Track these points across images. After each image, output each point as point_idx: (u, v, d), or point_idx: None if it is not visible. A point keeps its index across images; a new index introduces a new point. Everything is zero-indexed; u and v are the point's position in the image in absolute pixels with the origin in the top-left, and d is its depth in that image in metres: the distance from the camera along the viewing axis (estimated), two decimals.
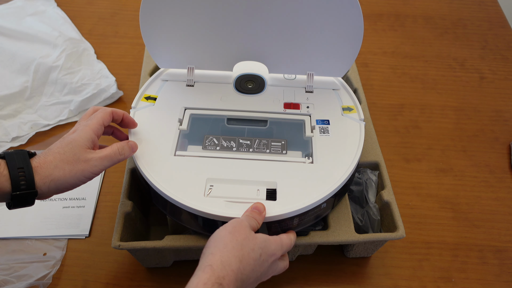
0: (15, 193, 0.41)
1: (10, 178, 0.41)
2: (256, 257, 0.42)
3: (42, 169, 0.43)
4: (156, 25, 0.58)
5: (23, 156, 0.42)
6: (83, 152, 0.45)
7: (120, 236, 0.52)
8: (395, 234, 0.54)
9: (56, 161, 0.43)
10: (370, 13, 1.01)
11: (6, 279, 0.57)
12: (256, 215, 0.46)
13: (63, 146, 0.45)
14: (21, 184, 0.41)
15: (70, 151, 0.44)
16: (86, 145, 0.46)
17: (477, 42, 0.96)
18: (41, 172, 0.43)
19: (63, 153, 0.44)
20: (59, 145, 0.45)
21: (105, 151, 0.47)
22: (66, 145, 0.45)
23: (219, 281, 0.39)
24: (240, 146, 0.55)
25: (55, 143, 0.46)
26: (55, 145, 0.45)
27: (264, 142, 0.56)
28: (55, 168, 0.43)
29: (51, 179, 0.43)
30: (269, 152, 0.55)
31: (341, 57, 0.61)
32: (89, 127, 0.47)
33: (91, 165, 0.45)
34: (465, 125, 0.80)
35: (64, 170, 0.43)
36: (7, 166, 0.41)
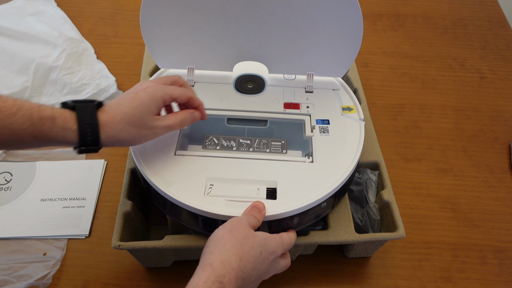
0: (81, 148, 0.44)
1: (78, 134, 0.43)
2: (256, 255, 0.42)
3: (109, 128, 0.44)
4: (156, 25, 0.58)
5: (92, 112, 0.43)
6: (149, 119, 0.47)
7: (120, 236, 0.52)
8: (395, 234, 0.54)
9: (123, 123, 0.45)
10: (370, 13, 1.01)
11: (6, 279, 0.57)
12: (255, 213, 0.46)
13: (132, 106, 0.45)
14: (88, 140, 0.43)
15: (139, 115, 0.46)
16: (154, 111, 0.47)
17: (477, 42, 0.96)
18: (108, 131, 0.44)
19: (132, 116, 0.45)
20: (129, 103, 0.46)
21: (169, 121, 0.48)
22: (136, 107, 0.46)
23: (219, 279, 0.38)
24: (240, 145, 0.55)
25: (124, 96, 0.47)
26: (124, 100, 0.46)
27: (264, 142, 0.56)
28: (121, 130, 0.45)
29: (116, 139, 0.45)
30: (269, 152, 0.55)
31: (341, 57, 0.61)
32: (162, 97, 0.48)
33: (154, 132, 0.48)
34: (465, 125, 0.80)
35: (129, 133, 0.45)
36: (77, 121, 0.43)
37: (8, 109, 0.40)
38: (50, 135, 0.42)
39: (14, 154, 0.72)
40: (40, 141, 0.42)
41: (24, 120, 0.40)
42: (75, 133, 0.43)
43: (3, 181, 0.68)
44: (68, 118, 0.43)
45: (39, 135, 0.41)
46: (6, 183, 0.68)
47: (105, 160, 0.71)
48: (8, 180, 0.68)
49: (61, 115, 0.42)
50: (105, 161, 0.71)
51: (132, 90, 0.48)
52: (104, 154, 0.72)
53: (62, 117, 0.42)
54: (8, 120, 0.40)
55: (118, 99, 0.47)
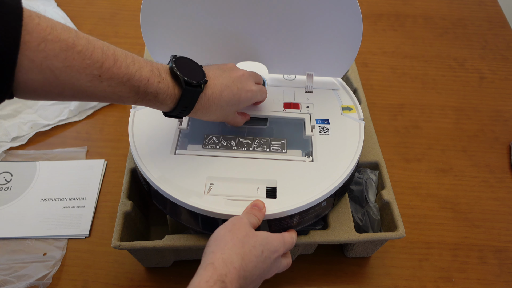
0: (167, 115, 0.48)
1: (172, 109, 0.46)
2: (258, 254, 0.42)
3: (199, 112, 0.48)
4: (156, 25, 0.58)
5: (194, 98, 0.46)
6: (232, 114, 0.53)
7: (120, 236, 0.52)
8: (395, 234, 0.54)
9: (211, 112, 0.49)
10: (370, 13, 1.01)
11: (6, 279, 0.57)
12: (256, 212, 0.46)
13: (230, 103, 0.50)
14: (177, 115, 0.47)
15: (228, 110, 0.51)
16: (239, 108, 0.53)
17: (477, 42, 0.96)
18: (196, 113, 0.48)
19: (221, 110, 0.50)
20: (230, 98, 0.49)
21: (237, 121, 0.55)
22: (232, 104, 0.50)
23: (221, 278, 0.38)
24: (240, 145, 0.55)
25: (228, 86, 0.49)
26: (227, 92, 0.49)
27: (264, 141, 0.56)
28: (206, 116, 0.49)
29: (197, 117, 0.50)
30: (269, 151, 0.55)
31: (340, 58, 0.61)
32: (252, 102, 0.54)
33: (226, 120, 0.53)
34: (465, 125, 0.80)
35: (210, 118, 0.50)
36: (177, 103, 0.45)
37: (120, 78, 0.40)
38: (148, 103, 0.44)
39: (14, 154, 0.72)
40: (137, 104, 0.44)
41: (131, 90, 0.42)
42: (169, 108, 0.46)
43: (3, 181, 0.68)
44: (170, 96, 0.44)
45: (138, 102, 0.44)
46: (6, 183, 0.68)
47: (105, 160, 0.71)
48: (8, 180, 0.68)
49: (165, 91, 0.44)
50: (105, 161, 0.71)
51: (237, 81, 0.50)
52: (104, 154, 0.72)
53: (165, 94, 0.44)
54: (117, 88, 0.41)
55: (222, 87, 0.49)
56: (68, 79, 0.37)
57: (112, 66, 0.40)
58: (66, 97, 0.40)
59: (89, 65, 0.38)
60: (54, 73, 0.37)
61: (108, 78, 0.40)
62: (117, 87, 0.41)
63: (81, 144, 0.74)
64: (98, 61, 0.39)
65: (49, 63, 0.36)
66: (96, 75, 0.39)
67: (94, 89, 0.40)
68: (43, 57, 0.35)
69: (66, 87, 0.38)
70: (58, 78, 0.37)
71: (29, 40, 0.34)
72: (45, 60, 0.36)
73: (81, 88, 0.39)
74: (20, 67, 0.34)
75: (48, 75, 0.36)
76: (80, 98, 0.41)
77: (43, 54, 0.35)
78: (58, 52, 0.36)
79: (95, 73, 0.39)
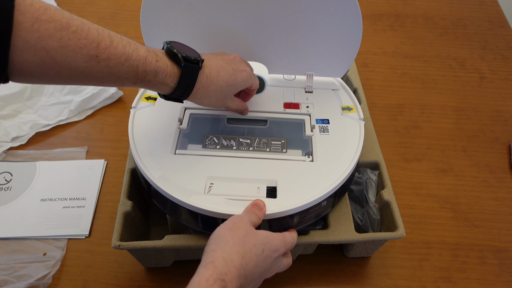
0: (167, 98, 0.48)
1: (173, 90, 0.46)
2: (259, 253, 0.42)
3: (199, 93, 0.48)
4: (156, 25, 0.58)
5: (194, 75, 0.46)
6: (230, 97, 0.53)
7: (120, 236, 0.52)
8: (395, 234, 0.54)
9: (211, 93, 0.49)
10: (370, 13, 1.01)
11: (6, 279, 0.57)
12: (256, 211, 0.46)
13: (228, 83, 0.50)
14: (179, 96, 0.47)
15: (227, 92, 0.51)
16: (236, 92, 0.53)
17: (477, 42, 0.96)
18: (196, 94, 0.48)
19: (220, 91, 0.50)
20: (227, 78, 0.50)
21: (233, 105, 0.55)
22: (230, 85, 0.50)
23: (221, 277, 0.38)
24: (240, 145, 0.55)
25: (224, 67, 0.50)
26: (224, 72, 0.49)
27: (264, 141, 0.56)
28: (206, 98, 0.50)
29: (197, 101, 0.50)
30: (269, 151, 0.55)
31: (340, 58, 0.61)
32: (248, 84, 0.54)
33: (225, 105, 0.54)
34: (465, 125, 0.80)
35: (210, 101, 0.51)
36: (178, 81, 0.45)
37: (117, 58, 0.40)
38: (148, 85, 0.44)
39: (14, 154, 0.72)
40: (136, 86, 0.44)
41: (129, 70, 0.42)
42: (170, 88, 0.46)
43: (3, 181, 0.68)
44: (169, 74, 0.44)
45: (138, 83, 0.44)
46: (6, 183, 0.68)
47: (105, 160, 0.71)
48: (8, 180, 0.68)
49: (164, 70, 0.44)
50: (105, 161, 0.71)
51: (231, 63, 0.51)
52: (104, 154, 0.72)
53: (164, 73, 0.44)
54: (115, 68, 0.41)
55: (218, 68, 0.49)
56: (64, 60, 0.37)
57: (108, 46, 0.39)
58: (63, 78, 0.39)
59: (85, 45, 0.38)
60: (50, 54, 0.36)
61: (105, 58, 0.39)
62: (115, 68, 0.40)
63: (81, 144, 0.74)
64: (94, 41, 0.38)
65: (44, 43, 0.35)
66: (93, 55, 0.38)
67: (92, 70, 0.39)
68: (37, 37, 0.35)
69: (63, 68, 0.38)
70: (53, 58, 0.37)
71: (22, 21, 0.34)
72: (40, 41, 0.35)
73: (78, 69, 0.38)
74: (14, 48, 0.34)
75: (43, 56, 0.36)
76: (77, 80, 0.40)
77: (37, 35, 0.35)
78: (52, 32, 0.35)
79: (92, 53, 0.38)
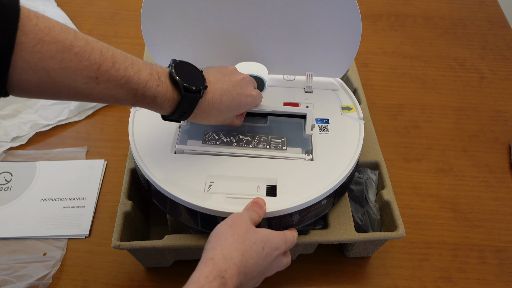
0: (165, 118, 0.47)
1: (170, 114, 0.46)
2: (259, 251, 0.42)
3: (198, 116, 0.48)
4: (156, 25, 0.58)
5: (193, 104, 0.46)
6: (231, 118, 0.52)
7: (120, 236, 0.52)
8: (395, 233, 0.54)
9: (211, 117, 0.49)
10: (370, 13, 1.01)
11: (6, 279, 0.57)
12: (257, 209, 0.46)
13: (230, 108, 0.50)
14: (175, 119, 0.47)
15: (228, 115, 0.51)
16: (239, 113, 0.53)
17: (477, 42, 0.96)
18: (196, 118, 0.48)
19: (221, 115, 0.49)
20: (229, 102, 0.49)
21: (238, 124, 0.54)
22: (232, 109, 0.50)
23: (221, 274, 0.38)
24: (240, 141, 0.55)
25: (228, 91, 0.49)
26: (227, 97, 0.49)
27: (264, 139, 0.56)
28: (206, 120, 0.49)
29: (196, 121, 0.49)
30: (269, 148, 0.55)
31: (340, 58, 0.61)
32: (252, 106, 0.54)
33: (227, 123, 0.53)
34: (465, 125, 0.80)
35: (209, 122, 0.50)
36: (176, 107, 0.45)
37: (118, 81, 0.40)
38: (145, 106, 0.44)
39: (14, 154, 0.72)
40: (134, 106, 0.45)
41: (128, 92, 0.41)
42: (168, 111, 0.45)
43: (3, 181, 0.68)
44: (168, 100, 0.44)
45: (136, 104, 0.43)
46: (6, 183, 0.68)
47: (105, 160, 0.71)
48: (8, 180, 0.68)
49: (164, 95, 0.43)
50: (105, 161, 0.71)
51: (237, 86, 0.50)
52: (104, 154, 0.72)
53: (163, 98, 0.44)
54: (114, 90, 0.40)
55: (222, 92, 0.48)
56: (63, 80, 0.37)
57: (110, 68, 0.39)
58: (62, 97, 0.40)
59: (86, 67, 0.38)
60: (49, 75, 0.36)
61: (105, 81, 0.39)
62: (114, 90, 0.40)
63: (81, 144, 0.74)
64: (96, 63, 0.38)
65: (44, 64, 0.35)
66: (93, 77, 0.38)
67: (91, 91, 0.39)
68: (38, 58, 0.35)
69: (62, 88, 0.38)
70: (53, 79, 0.37)
71: (24, 41, 0.34)
72: (40, 62, 0.35)
73: (77, 90, 0.39)
74: (14, 68, 0.34)
75: (43, 76, 0.36)
76: (76, 99, 0.41)
77: (39, 56, 0.35)
78: (54, 53, 0.36)
79: (92, 75, 0.38)
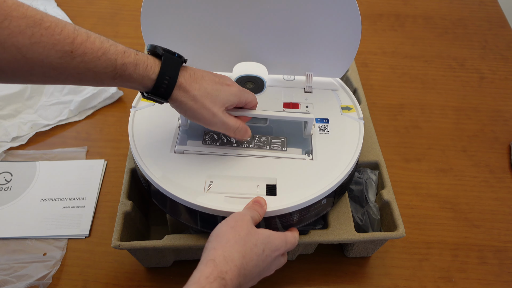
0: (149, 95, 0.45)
1: (155, 83, 0.44)
2: (259, 253, 0.42)
3: (182, 92, 0.45)
4: (156, 25, 0.58)
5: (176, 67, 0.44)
6: (219, 110, 0.48)
7: (120, 236, 0.52)
8: (395, 233, 0.54)
9: (196, 92, 0.46)
10: (370, 13, 1.01)
11: (6, 279, 0.57)
12: (257, 208, 0.46)
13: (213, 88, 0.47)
14: (160, 92, 0.44)
15: (214, 96, 0.47)
16: (226, 105, 0.49)
17: (477, 42, 0.96)
18: (180, 93, 0.45)
19: (206, 93, 0.46)
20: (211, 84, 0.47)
21: (230, 122, 0.49)
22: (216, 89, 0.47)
23: (221, 275, 0.38)
24: (240, 142, 0.55)
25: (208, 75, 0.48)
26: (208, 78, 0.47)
27: (264, 139, 0.56)
28: (192, 100, 0.46)
29: (182, 105, 0.46)
30: (269, 149, 0.55)
31: (339, 58, 0.61)
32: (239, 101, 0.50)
33: (214, 122, 0.48)
34: (465, 125, 0.80)
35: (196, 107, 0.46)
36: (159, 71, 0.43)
37: (94, 53, 0.39)
38: (128, 79, 0.43)
39: (14, 154, 0.72)
40: (117, 83, 0.43)
41: (107, 64, 0.40)
42: (152, 81, 0.44)
43: (3, 181, 0.68)
44: (150, 66, 0.43)
45: (118, 79, 0.42)
46: (6, 183, 0.68)
47: (105, 160, 0.71)
48: (8, 180, 0.68)
49: (144, 62, 0.43)
50: (105, 161, 0.71)
51: (218, 76, 0.49)
52: (104, 154, 0.72)
53: (144, 65, 0.43)
54: (92, 63, 0.39)
55: (202, 73, 0.47)
56: (36, 57, 0.36)
57: (85, 41, 0.38)
58: (37, 76, 0.38)
59: (59, 41, 0.37)
60: (21, 51, 0.35)
61: (81, 54, 0.38)
62: (91, 63, 0.39)
63: (81, 144, 0.74)
64: (69, 36, 0.37)
65: (14, 40, 0.35)
66: (68, 50, 0.37)
67: (66, 66, 0.38)
68: (7, 34, 0.34)
69: (35, 65, 0.37)
70: (24, 56, 0.36)
71: None
72: (10, 38, 0.35)
73: (52, 66, 0.38)
74: None
75: (14, 53, 0.35)
76: (53, 77, 0.39)
77: (7, 32, 0.34)
78: (23, 28, 0.35)
79: (66, 48, 0.37)
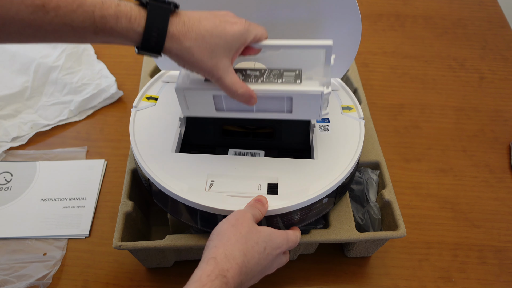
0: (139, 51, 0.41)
1: (143, 37, 0.40)
2: (261, 251, 0.42)
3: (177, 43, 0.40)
4: None
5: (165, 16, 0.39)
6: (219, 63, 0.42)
7: (121, 236, 0.52)
8: (396, 233, 0.54)
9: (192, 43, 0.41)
10: (370, 13, 1.01)
11: (6, 279, 0.57)
12: (259, 206, 0.46)
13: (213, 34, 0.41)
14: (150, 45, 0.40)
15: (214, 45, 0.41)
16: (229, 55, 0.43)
17: (477, 42, 0.96)
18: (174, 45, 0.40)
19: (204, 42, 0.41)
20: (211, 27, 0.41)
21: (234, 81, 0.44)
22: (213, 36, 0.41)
23: (223, 273, 0.38)
24: (247, 77, 0.51)
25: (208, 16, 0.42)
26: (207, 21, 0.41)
27: (275, 72, 0.51)
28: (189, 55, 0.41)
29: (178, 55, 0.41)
30: (280, 83, 0.50)
31: (340, 59, 0.61)
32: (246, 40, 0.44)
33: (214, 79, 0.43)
34: (465, 125, 0.80)
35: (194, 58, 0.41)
36: (146, 23, 0.39)
37: (69, 5, 0.37)
38: (112, 34, 0.39)
39: (14, 154, 0.72)
40: (102, 38, 0.39)
41: (85, 17, 0.37)
42: (138, 35, 0.40)
43: (3, 181, 0.68)
44: (134, 18, 0.39)
45: (100, 33, 0.39)
46: (6, 183, 0.68)
47: (105, 160, 0.71)
48: (8, 180, 0.68)
49: (127, 13, 0.39)
50: (105, 161, 0.71)
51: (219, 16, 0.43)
52: (104, 154, 0.72)
53: (128, 16, 0.39)
54: (67, 17, 0.37)
55: (200, 15, 0.42)
56: (5, 13, 0.35)
57: None
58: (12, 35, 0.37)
59: None
60: None
61: (54, 7, 0.36)
62: (67, 17, 0.37)
63: (81, 144, 0.74)
64: None
65: None
66: (39, 5, 0.36)
67: (41, 22, 0.36)
68: None
69: (6, 22, 0.36)
70: None
71: None
72: None
73: (24, 22, 0.36)
74: None
75: None
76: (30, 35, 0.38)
77: None
78: None
79: (37, 2, 0.36)
